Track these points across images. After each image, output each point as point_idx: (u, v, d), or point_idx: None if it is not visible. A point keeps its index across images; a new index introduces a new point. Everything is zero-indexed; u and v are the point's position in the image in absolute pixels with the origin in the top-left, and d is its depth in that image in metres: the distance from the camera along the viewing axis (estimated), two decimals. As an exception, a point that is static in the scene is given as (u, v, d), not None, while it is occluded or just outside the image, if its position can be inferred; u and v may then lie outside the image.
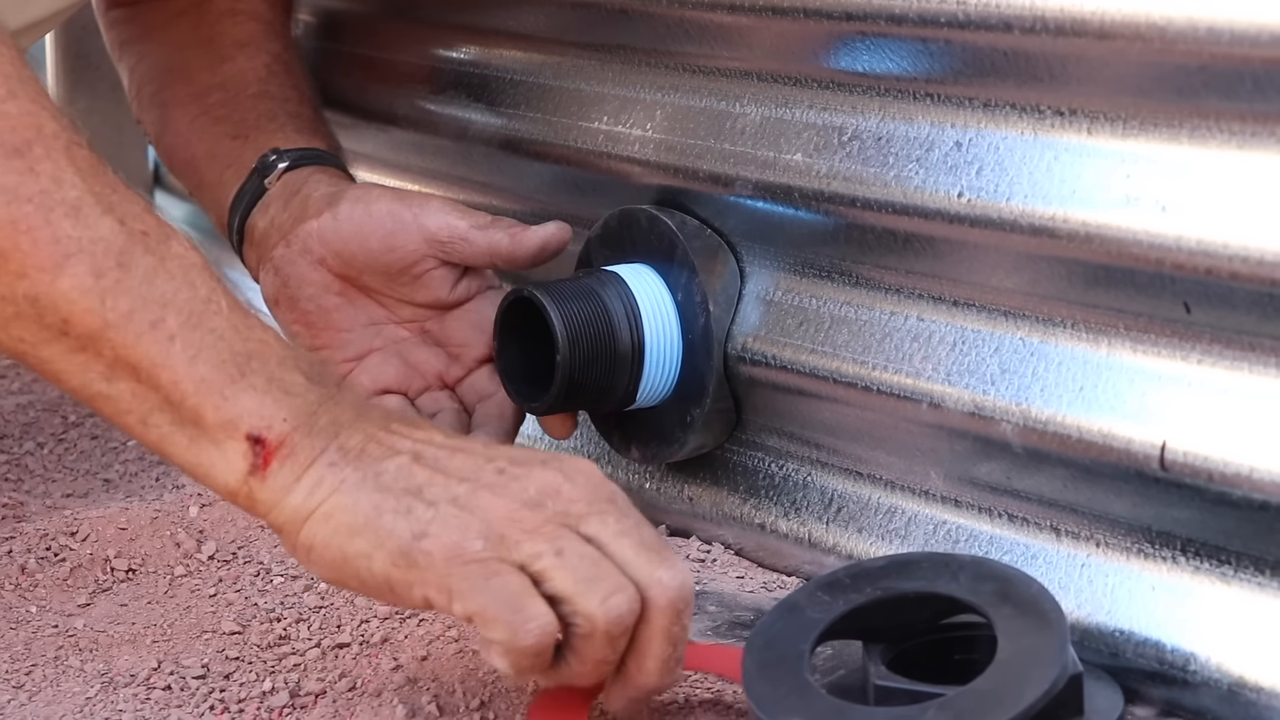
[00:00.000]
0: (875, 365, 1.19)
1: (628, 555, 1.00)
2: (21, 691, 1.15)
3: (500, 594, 0.98)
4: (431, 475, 1.03)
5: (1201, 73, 1.00)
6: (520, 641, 0.98)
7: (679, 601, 1.00)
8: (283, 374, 1.05)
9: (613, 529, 1.01)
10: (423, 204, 1.35)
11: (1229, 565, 1.02)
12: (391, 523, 1.01)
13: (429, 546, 1.00)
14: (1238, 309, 1.00)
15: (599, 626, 0.99)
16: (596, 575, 0.99)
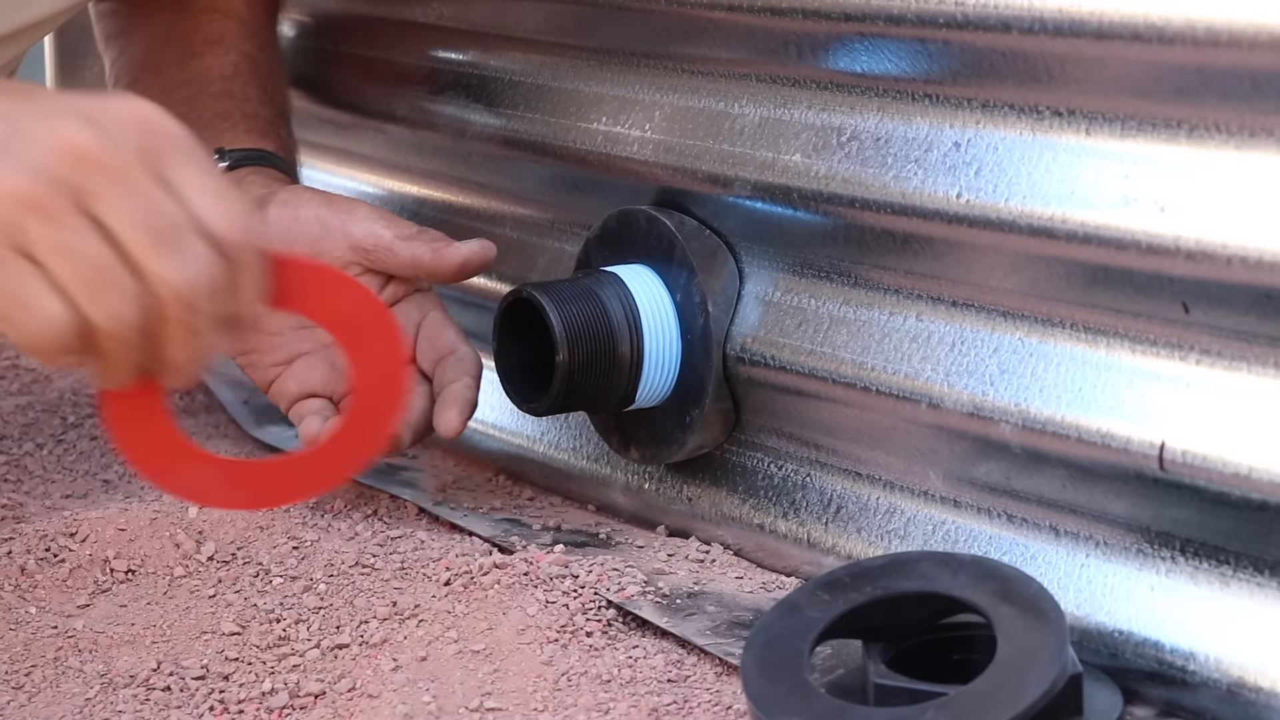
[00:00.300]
0: (874, 366, 1.19)
1: (136, 244, 0.94)
2: (21, 692, 1.15)
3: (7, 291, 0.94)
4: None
5: (1200, 73, 1.00)
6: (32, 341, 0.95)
7: (187, 295, 0.95)
8: None
9: (121, 210, 0.94)
10: (350, 210, 1.36)
11: (1228, 565, 1.02)
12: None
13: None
14: (1236, 309, 1.00)
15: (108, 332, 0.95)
16: (100, 278, 0.94)
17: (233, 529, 1.36)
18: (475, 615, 1.19)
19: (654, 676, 1.12)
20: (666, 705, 1.08)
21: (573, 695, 1.10)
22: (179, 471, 1.06)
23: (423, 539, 1.33)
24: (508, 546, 1.30)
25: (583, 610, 1.19)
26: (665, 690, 1.11)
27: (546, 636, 1.16)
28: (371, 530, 1.36)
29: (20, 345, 0.96)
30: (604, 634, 1.17)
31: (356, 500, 1.41)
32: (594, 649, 1.15)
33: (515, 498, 1.41)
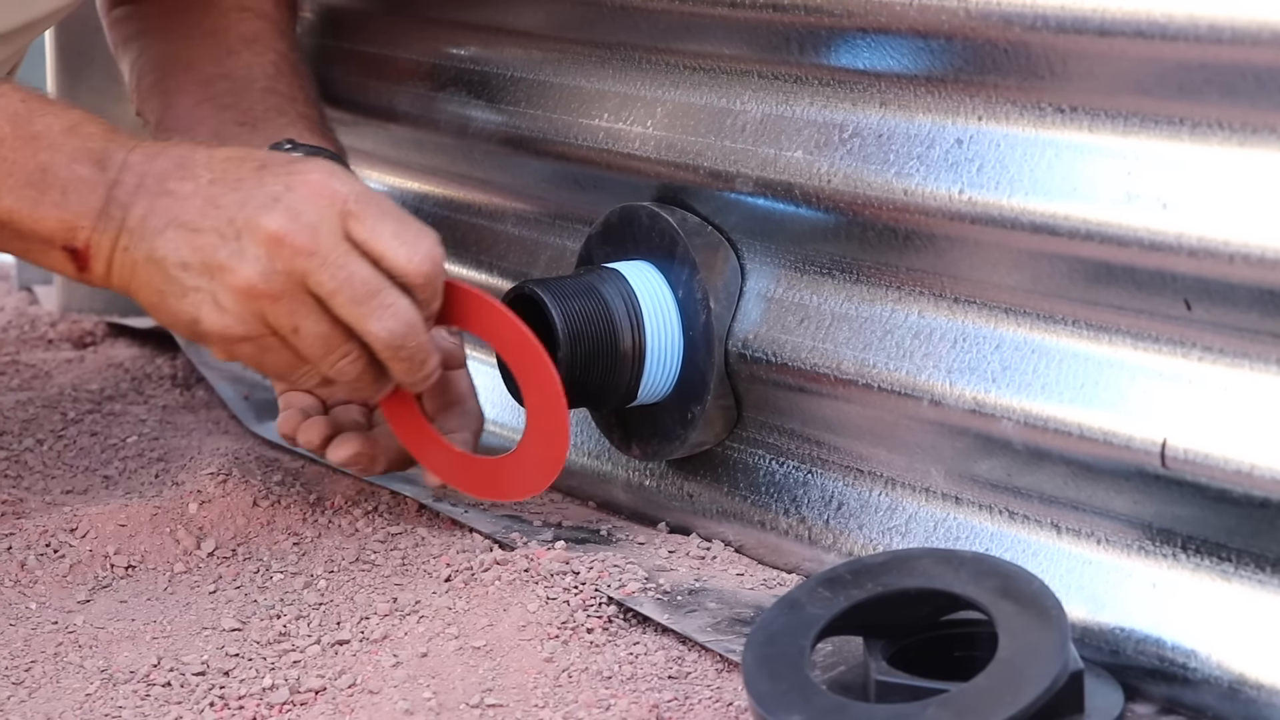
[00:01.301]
0: (876, 362, 1.19)
1: (345, 312, 1.20)
2: (21, 688, 1.15)
3: (274, 366, 1.23)
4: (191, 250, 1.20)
5: (1202, 70, 1.00)
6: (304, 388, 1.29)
7: (394, 342, 1.21)
8: (76, 175, 1.21)
9: (329, 286, 1.19)
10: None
11: (1229, 562, 1.02)
12: (175, 305, 1.22)
13: (204, 331, 1.22)
14: (1238, 306, 1.00)
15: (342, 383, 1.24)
16: (327, 349, 1.21)
17: (233, 525, 1.36)
18: (476, 611, 1.19)
19: (655, 673, 1.12)
20: (667, 701, 1.08)
21: (573, 691, 1.10)
22: (428, 453, 1.31)
23: (423, 535, 1.33)
24: (508, 543, 1.30)
25: (583, 607, 1.19)
26: (666, 687, 1.11)
27: (547, 633, 1.16)
28: (372, 526, 1.36)
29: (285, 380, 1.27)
30: (605, 630, 1.17)
31: (357, 497, 1.41)
32: (595, 645, 1.15)
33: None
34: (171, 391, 1.71)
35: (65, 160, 1.21)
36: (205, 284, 1.20)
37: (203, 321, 1.21)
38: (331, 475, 1.47)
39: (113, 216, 1.21)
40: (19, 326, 1.93)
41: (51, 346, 1.88)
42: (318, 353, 1.21)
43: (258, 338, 1.21)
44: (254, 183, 1.21)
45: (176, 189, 1.22)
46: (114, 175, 1.22)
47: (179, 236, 1.21)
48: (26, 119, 1.22)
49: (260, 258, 1.19)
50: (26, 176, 1.21)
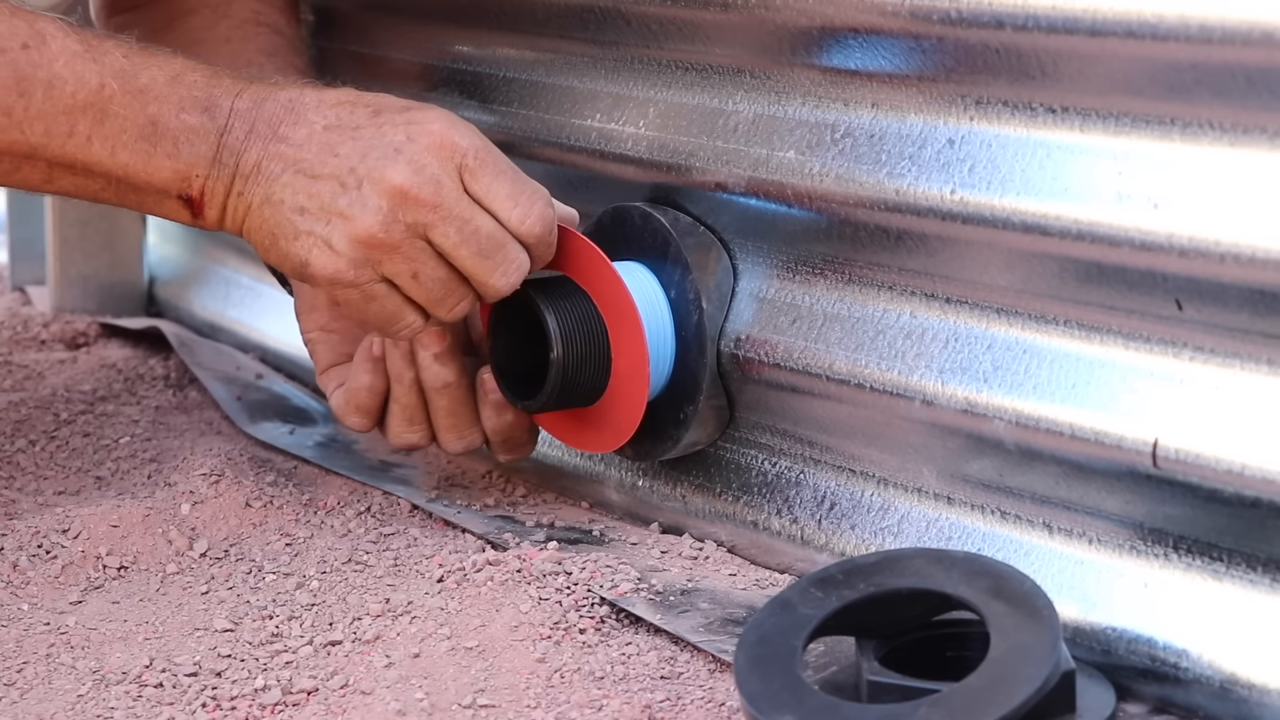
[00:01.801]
0: (868, 362, 1.19)
1: (467, 264, 1.24)
2: (13, 689, 1.15)
3: (379, 314, 1.26)
4: (309, 196, 1.23)
5: (1193, 70, 1.00)
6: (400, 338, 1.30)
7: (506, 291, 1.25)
8: (185, 124, 1.24)
9: (454, 239, 1.23)
10: None
11: (1221, 562, 1.02)
12: (286, 246, 1.24)
13: (314, 272, 1.24)
14: (1229, 306, 1.00)
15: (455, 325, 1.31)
16: (444, 294, 1.25)
17: (225, 526, 1.36)
18: (468, 612, 1.19)
19: (647, 673, 1.12)
20: (660, 702, 1.08)
21: (566, 692, 1.10)
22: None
23: (416, 536, 1.33)
24: (501, 543, 1.30)
25: (576, 607, 1.19)
26: (658, 687, 1.11)
27: (539, 633, 1.16)
28: (364, 527, 1.36)
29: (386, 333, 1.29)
30: (597, 631, 1.17)
31: (349, 497, 1.41)
32: (587, 646, 1.15)
33: (508, 495, 1.41)
34: (164, 392, 1.71)
35: (173, 111, 1.24)
36: (320, 228, 1.23)
37: (313, 264, 1.23)
38: (323, 476, 1.47)
39: (225, 163, 1.24)
40: (12, 327, 1.93)
41: (44, 347, 1.88)
42: (436, 297, 1.24)
43: (365, 284, 1.23)
44: (372, 130, 1.24)
45: (290, 134, 1.24)
46: (222, 121, 1.24)
47: (296, 181, 1.23)
48: (132, 73, 1.24)
49: (382, 208, 1.22)
50: (138, 130, 1.24)
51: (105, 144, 1.24)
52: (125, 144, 1.24)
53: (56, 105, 1.22)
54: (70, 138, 1.23)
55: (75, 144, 1.23)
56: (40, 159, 1.24)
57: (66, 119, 1.23)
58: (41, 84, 1.22)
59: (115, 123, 1.23)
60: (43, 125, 1.22)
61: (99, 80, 1.23)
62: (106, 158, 1.24)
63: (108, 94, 1.23)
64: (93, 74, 1.23)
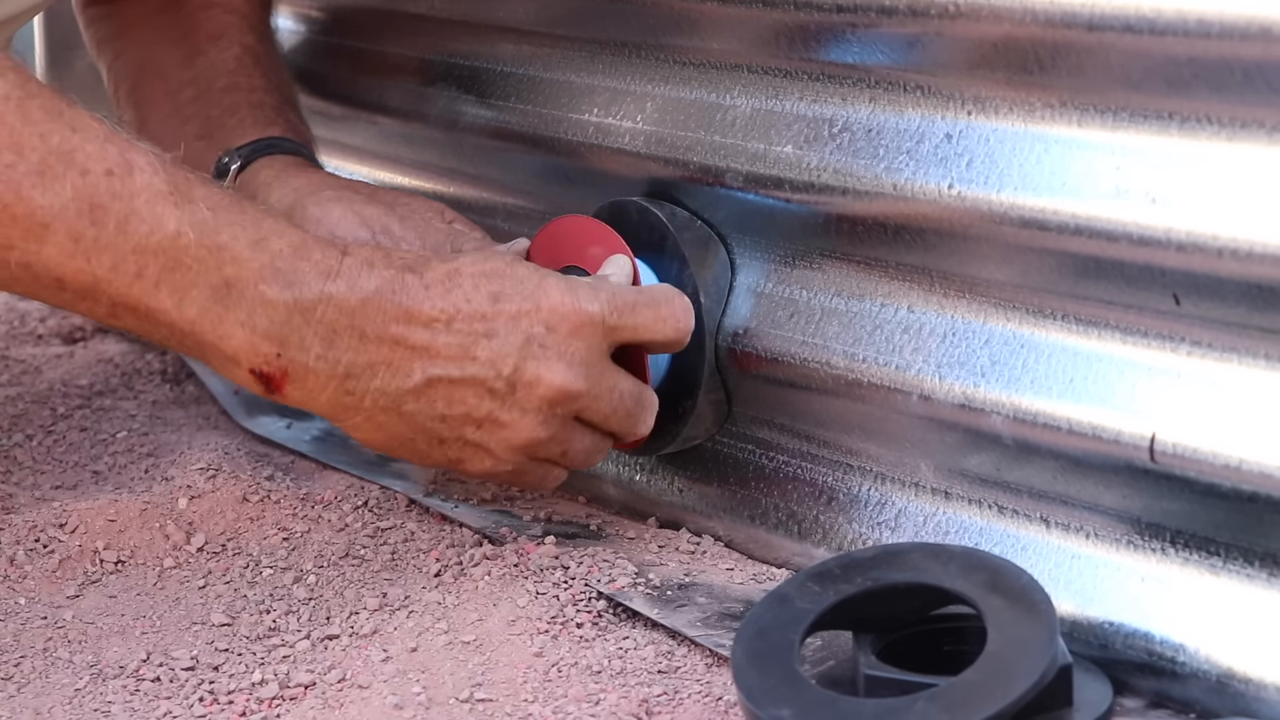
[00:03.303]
0: (866, 357, 1.19)
1: (614, 428, 1.23)
2: (10, 683, 1.15)
3: (528, 481, 1.24)
4: (450, 403, 1.18)
5: (1191, 65, 1.00)
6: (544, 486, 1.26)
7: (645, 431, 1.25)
8: (264, 296, 1.15)
9: (604, 412, 1.21)
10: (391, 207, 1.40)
11: (1218, 557, 1.02)
12: (426, 449, 1.20)
13: (466, 470, 1.21)
14: (1227, 300, 1.00)
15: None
16: (589, 456, 1.24)
17: (222, 520, 1.36)
18: (465, 606, 1.19)
19: (644, 668, 1.12)
20: (657, 696, 1.08)
21: (563, 686, 1.10)
22: None
23: (413, 530, 1.33)
24: (498, 538, 1.30)
25: (573, 602, 1.19)
26: (656, 681, 1.11)
27: (537, 628, 1.16)
28: (362, 522, 1.36)
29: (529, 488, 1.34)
30: (594, 625, 1.17)
31: (346, 491, 1.40)
32: (584, 640, 1.15)
33: (505, 489, 1.41)
34: (161, 387, 1.71)
35: (252, 278, 1.14)
36: (471, 434, 1.19)
37: (466, 464, 1.21)
38: (321, 471, 1.47)
39: (319, 355, 1.16)
40: (8, 322, 1.93)
41: (41, 342, 1.88)
42: (581, 461, 1.23)
43: (521, 468, 1.22)
44: (505, 324, 1.17)
45: (406, 334, 1.16)
46: (309, 303, 1.15)
47: (434, 390, 1.17)
48: (213, 228, 1.14)
49: (541, 410, 1.19)
50: (211, 289, 1.14)
51: (174, 295, 1.14)
52: (195, 300, 1.14)
53: (128, 242, 1.13)
54: (138, 279, 1.13)
55: (142, 288, 1.13)
56: (104, 295, 1.14)
57: (136, 259, 1.13)
58: (116, 217, 1.12)
59: (187, 275, 1.14)
60: (110, 259, 1.13)
61: (176, 227, 1.13)
62: (173, 309, 1.14)
63: (183, 243, 1.13)
64: (172, 219, 1.13)
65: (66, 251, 1.13)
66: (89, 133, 1.13)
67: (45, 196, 1.12)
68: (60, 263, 1.13)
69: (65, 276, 1.13)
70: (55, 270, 1.13)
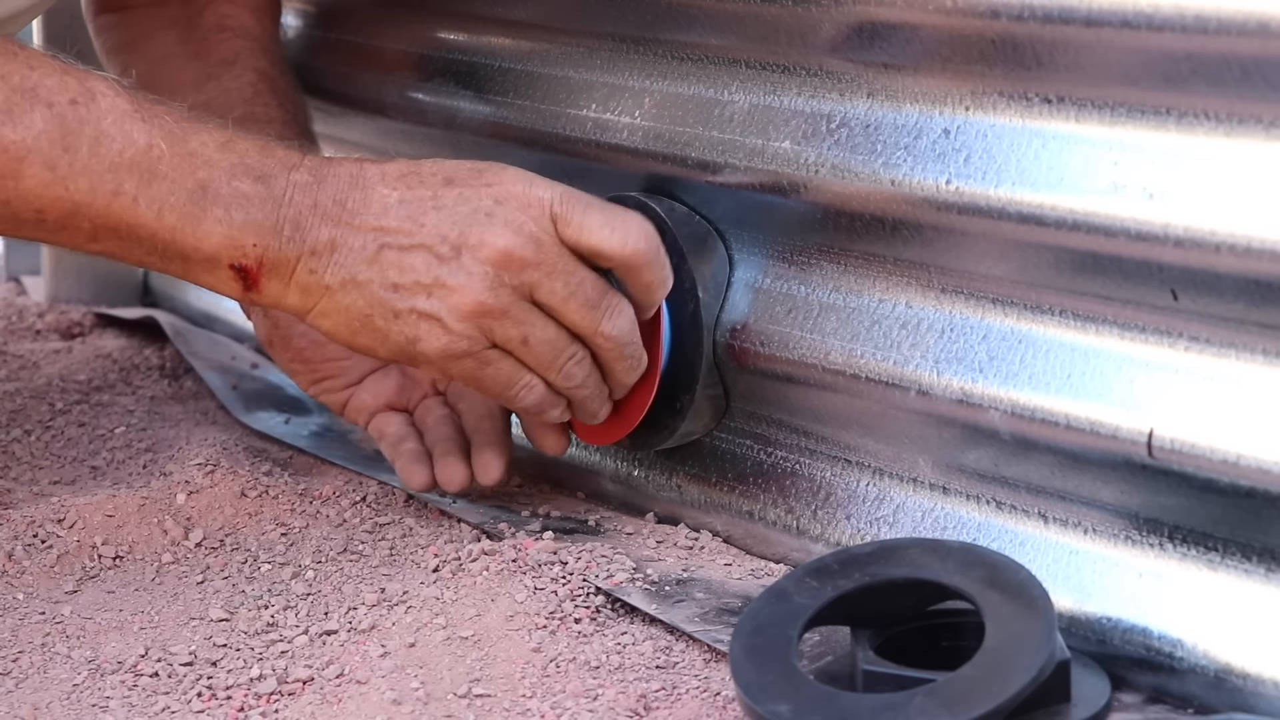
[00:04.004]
0: (863, 352, 1.19)
1: (574, 318, 1.21)
2: (8, 678, 1.15)
3: (494, 380, 1.22)
4: (401, 271, 1.19)
5: (1189, 60, 1.00)
6: (520, 404, 1.25)
7: (621, 345, 1.23)
8: (238, 190, 1.19)
9: (561, 294, 1.20)
10: None
11: (1216, 552, 1.02)
12: (384, 326, 1.20)
13: (424, 349, 1.20)
14: (1224, 296, 1.00)
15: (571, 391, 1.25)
16: (555, 354, 1.21)
17: (220, 516, 1.36)
18: (464, 602, 1.19)
19: (642, 663, 1.12)
20: (655, 691, 1.08)
21: (561, 681, 1.10)
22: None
23: (411, 526, 1.33)
24: (496, 533, 1.30)
25: (571, 597, 1.19)
26: (654, 676, 1.11)
27: (535, 623, 1.16)
28: (360, 517, 1.36)
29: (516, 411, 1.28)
30: (592, 621, 1.17)
31: (345, 487, 1.41)
32: (582, 635, 1.15)
33: (504, 485, 1.41)
34: (159, 382, 1.71)
35: (224, 177, 1.19)
36: (422, 303, 1.19)
37: (422, 340, 1.20)
38: (319, 466, 1.47)
39: (289, 237, 1.20)
40: (7, 317, 1.93)
41: (39, 337, 1.88)
42: (547, 359, 1.22)
43: (479, 353, 1.21)
44: (453, 197, 1.20)
45: (362, 209, 1.20)
46: (280, 192, 1.20)
47: (384, 257, 1.19)
48: (181, 137, 1.19)
49: (487, 274, 1.19)
50: (187, 194, 1.18)
51: (152, 205, 1.18)
52: (173, 206, 1.18)
53: (102, 162, 1.17)
54: (116, 196, 1.17)
55: (121, 204, 1.18)
56: (84, 219, 1.18)
57: (112, 176, 1.17)
58: (88, 140, 1.17)
59: (163, 184, 1.18)
60: (87, 182, 1.17)
61: (147, 140, 1.18)
62: (153, 219, 1.18)
63: (155, 154, 1.18)
64: (141, 133, 1.18)
65: (44, 181, 1.16)
66: (46, 68, 1.18)
67: (16, 131, 1.16)
68: (38, 194, 1.17)
69: (44, 208, 1.17)
70: (34, 203, 1.17)
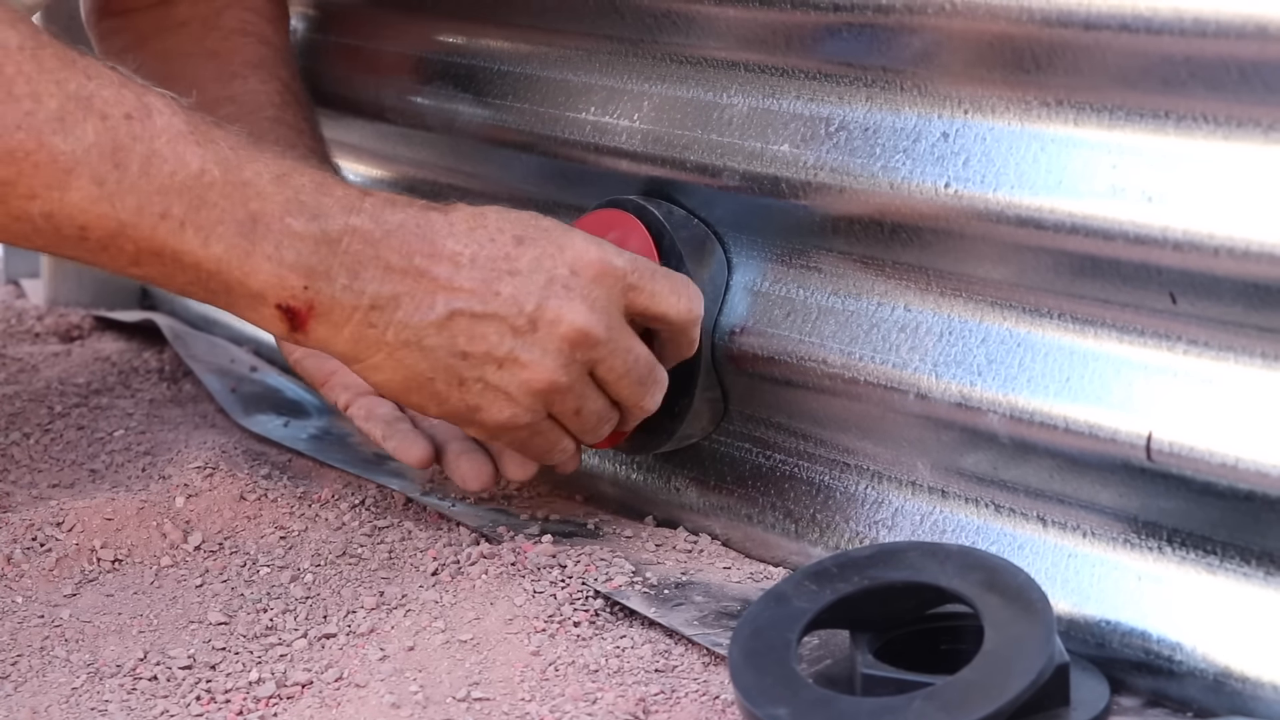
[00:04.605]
0: (862, 356, 1.19)
1: (625, 393, 1.22)
2: (7, 682, 1.15)
3: (538, 445, 1.23)
4: (471, 339, 1.17)
5: (1187, 64, 1.00)
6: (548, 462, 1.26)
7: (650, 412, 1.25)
8: (290, 228, 1.15)
9: (619, 371, 1.20)
10: None
11: (1215, 555, 1.02)
12: (445, 391, 1.18)
13: (485, 419, 1.20)
14: (1223, 299, 1.00)
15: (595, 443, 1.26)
16: (598, 423, 1.23)
17: (219, 519, 1.36)
18: (463, 605, 1.19)
19: (641, 666, 1.12)
20: (654, 695, 1.08)
21: (560, 685, 1.10)
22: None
23: (410, 529, 1.33)
24: (495, 537, 1.30)
25: (570, 600, 1.19)
26: (652, 680, 1.11)
27: (534, 626, 1.16)
28: (359, 520, 1.36)
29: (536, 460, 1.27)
30: (591, 624, 1.17)
31: (344, 490, 1.41)
32: (581, 639, 1.15)
33: (502, 488, 1.41)
34: (159, 385, 1.71)
35: (278, 212, 1.14)
36: (491, 375, 1.18)
37: (484, 411, 1.19)
38: (318, 469, 1.47)
39: (345, 286, 1.15)
40: (5, 320, 1.93)
41: (38, 340, 1.88)
42: (590, 426, 1.22)
43: (537, 424, 1.21)
44: (529, 263, 1.18)
45: (431, 268, 1.16)
46: (336, 235, 1.15)
47: (455, 324, 1.16)
48: (236, 165, 1.15)
49: (562, 351, 1.18)
50: (237, 225, 1.14)
51: (199, 233, 1.14)
52: (221, 236, 1.14)
53: (152, 183, 1.12)
54: (163, 220, 1.13)
55: (167, 228, 1.13)
56: (128, 241, 1.13)
57: (161, 199, 1.13)
58: (139, 158, 1.12)
59: (213, 212, 1.14)
60: (135, 201, 1.12)
61: (200, 164, 1.13)
62: (199, 248, 1.14)
63: (207, 180, 1.14)
64: (194, 157, 1.13)
65: (90, 197, 1.12)
66: (104, 79, 1.13)
67: (67, 142, 1.11)
68: (84, 209, 1.12)
69: (89, 224, 1.13)
70: (79, 218, 1.13)
